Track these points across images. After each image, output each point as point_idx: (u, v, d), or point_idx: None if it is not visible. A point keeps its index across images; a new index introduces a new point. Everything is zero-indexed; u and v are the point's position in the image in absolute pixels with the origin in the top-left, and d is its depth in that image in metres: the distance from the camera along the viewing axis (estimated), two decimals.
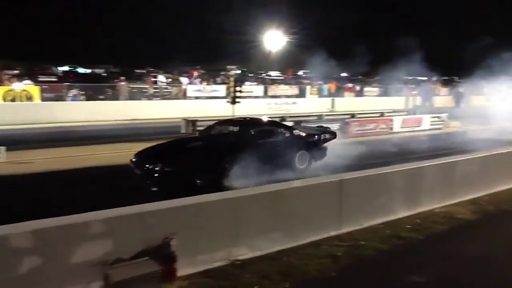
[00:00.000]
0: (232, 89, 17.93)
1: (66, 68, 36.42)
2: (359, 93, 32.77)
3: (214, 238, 5.37)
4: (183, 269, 4.92)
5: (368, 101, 30.32)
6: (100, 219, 4.72)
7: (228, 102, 17.86)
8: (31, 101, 21.17)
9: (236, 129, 10.25)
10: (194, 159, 8.87)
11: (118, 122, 19.59)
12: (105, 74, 32.93)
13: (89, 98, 22.78)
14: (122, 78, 25.35)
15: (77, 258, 4.48)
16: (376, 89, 33.91)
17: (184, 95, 25.96)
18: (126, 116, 20.80)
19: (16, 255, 4.23)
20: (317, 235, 6.18)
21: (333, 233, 6.32)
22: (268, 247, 5.72)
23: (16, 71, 28.25)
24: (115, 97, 23.62)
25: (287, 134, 10.49)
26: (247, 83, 28.82)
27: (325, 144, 11.20)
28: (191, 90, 26.41)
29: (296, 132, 10.74)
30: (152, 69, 32.20)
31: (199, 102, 24.48)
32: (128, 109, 21.75)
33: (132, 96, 24.33)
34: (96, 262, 4.51)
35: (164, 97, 25.79)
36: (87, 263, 4.49)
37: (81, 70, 36.51)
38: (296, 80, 34.01)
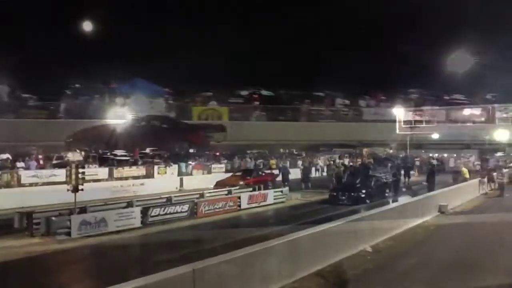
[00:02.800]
0: None
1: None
2: None
3: None
4: None
5: None
6: None
7: None
8: (220, 120, 23.08)
9: None
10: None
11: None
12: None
13: (270, 119, 23.82)
14: (307, 101, 26.00)
15: None
16: None
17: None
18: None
19: None
20: None
21: None
22: None
23: (208, 93, 31.35)
24: (295, 118, 24.29)
25: None
26: None
27: None
28: None
29: None
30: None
31: None
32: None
33: (311, 118, 24.84)
34: None
35: (340, 119, 25.72)
36: None
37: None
38: None
